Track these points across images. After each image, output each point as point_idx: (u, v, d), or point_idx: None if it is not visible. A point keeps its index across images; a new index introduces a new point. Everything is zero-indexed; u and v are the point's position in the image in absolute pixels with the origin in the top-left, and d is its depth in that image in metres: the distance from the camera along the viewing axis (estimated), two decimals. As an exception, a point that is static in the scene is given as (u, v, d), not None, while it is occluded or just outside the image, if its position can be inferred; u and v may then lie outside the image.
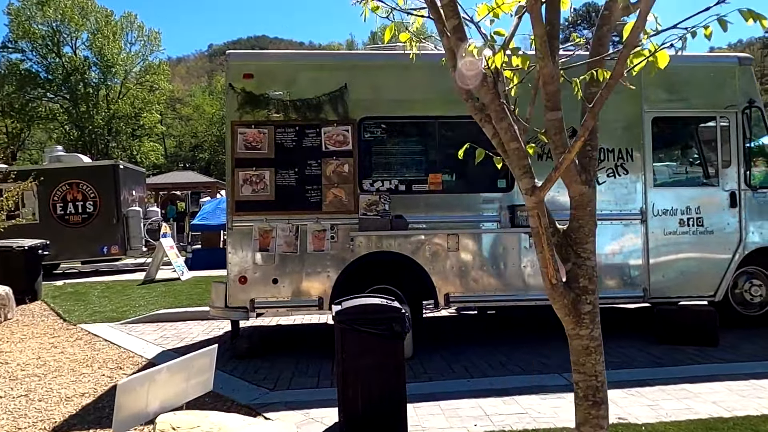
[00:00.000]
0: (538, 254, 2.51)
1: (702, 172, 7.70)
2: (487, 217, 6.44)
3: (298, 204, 6.26)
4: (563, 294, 2.52)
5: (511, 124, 2.47)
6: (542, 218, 2.45)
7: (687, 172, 7.31)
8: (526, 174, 2.46)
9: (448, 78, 6.38)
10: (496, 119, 2.47)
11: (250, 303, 6.23)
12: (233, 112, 6.25)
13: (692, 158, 7.67)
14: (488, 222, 6.44)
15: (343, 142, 6.31)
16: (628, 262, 6.59)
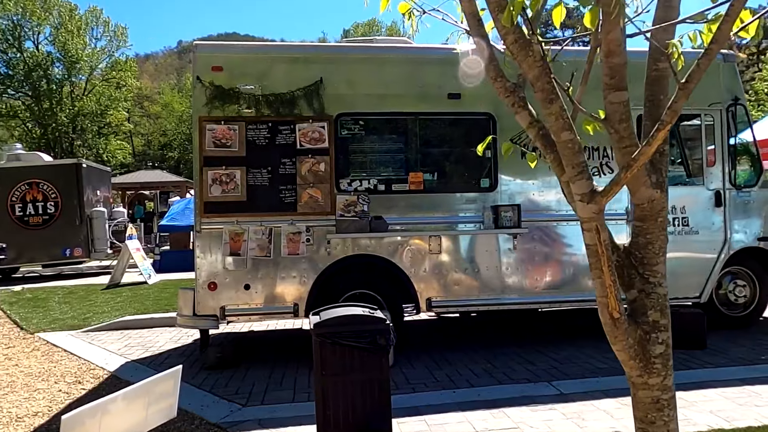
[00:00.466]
0: (595, 279, 2.05)
1: (686, 171, 7.60)
2: (469, 218, 6.18)
3: (271, 205, 5.90)
4: (628, 332, 2.03)
5: (563, 108, 2.00)
6: (602, 233, 1.99)
7: (671, 171, 7.18)
8: (581, 174, 1.97)
9: (429, 73, 6.14)
10: (544, 101, 1.99)
11: (221, 310, 5.85)
12: (201, 107, 5.86)
13: (677, 157, 7.55)
14: (471, 223, 6.18)
15: (318, 140, 5.97)
16: (614, 264, 6.40)
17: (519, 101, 2.11)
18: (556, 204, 6.33)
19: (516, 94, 2.13)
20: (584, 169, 1.96)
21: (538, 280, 6.24)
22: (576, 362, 5.65)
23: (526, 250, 6.23)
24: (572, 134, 1.97)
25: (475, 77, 5.56)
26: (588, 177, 1.98)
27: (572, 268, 6.31)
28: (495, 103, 6.24)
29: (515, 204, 6.15)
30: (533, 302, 6.26)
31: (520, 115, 2.13)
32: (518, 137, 6.30)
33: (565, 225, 6.33)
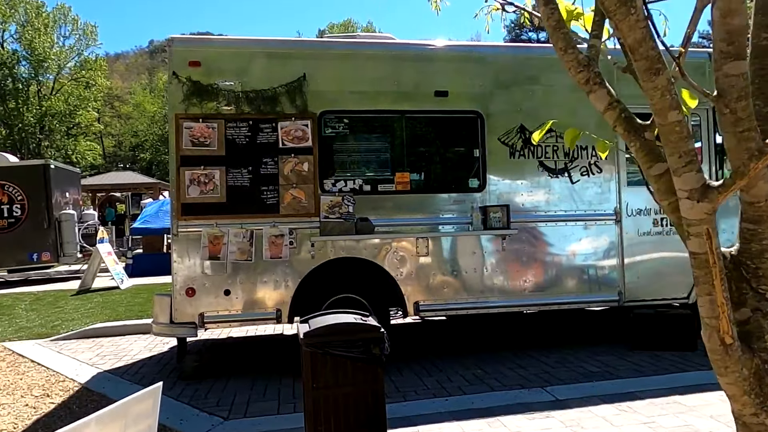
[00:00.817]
0: (702, 295, 1.69)
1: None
2: (457, 219, 6.01)
3: (252, 206, 5.65)
4: (742, 361, 1.65)
5: (671, 82, 1.64)
6: (714, 239, 1.66)
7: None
8: (690, 165, 1.62)
9: (416, 69, 5.96)
10: (648, 71, 1.59)
11: (199, 317, 5.57)
12: (178, 104, 5.58)
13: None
14: (459, 224, 6.01)
15: (301, 138, 5.74)
16: (604, 265, 6.31)
17: (594, 77, 1.80)
18: (545, 204, 6.20)
19: (590, 69, 1.82)
20: (694, 159, 1.61)
21: (530, 282, 6.10)
22: (568, 366, 5.52)
23: (516, 252, 6.09)
24: (680, 114, 1.63)
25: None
26: (698, 169, 1.63)
27: (562, 270, 6.19)
28: (483, 101, 6.10)
29: (504, 204, 6.01)
30: (525, 305, 6.12)
31: (597, 94, 1.81)
32: (506, 136, 6.18)
33: (554, 226, 6.20)
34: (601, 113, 1.87)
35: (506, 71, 6.18)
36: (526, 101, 6.21)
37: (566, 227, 6.23)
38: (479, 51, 6.27)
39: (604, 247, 6.30)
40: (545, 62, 6.31)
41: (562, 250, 6.21)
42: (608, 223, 6.33)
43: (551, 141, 6.24)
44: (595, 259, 6.28)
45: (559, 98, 6.27)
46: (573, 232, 6.23)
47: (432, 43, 6.16)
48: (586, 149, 6.32)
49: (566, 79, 6.32)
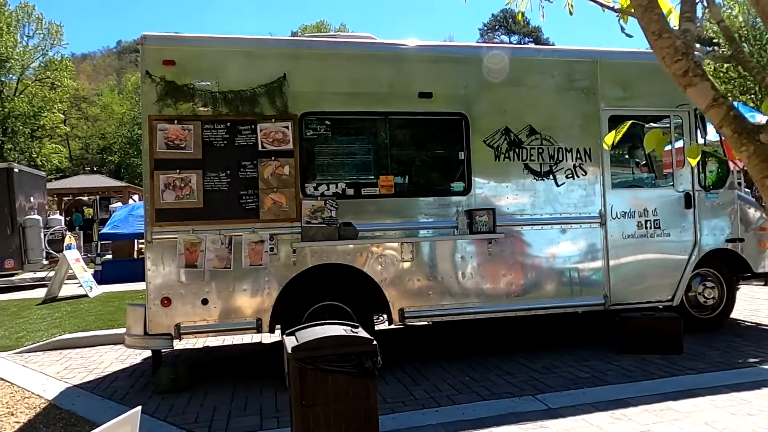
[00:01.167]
0: None
1: (657, 172, 7.58)
2: (443, 223, 5.87)
3: (231, 212, 5.42)
4: None
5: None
6: None
7: (643, 172, 7.13)
8: None
9: (399, 70, 5.81)
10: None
11: (176, 328, 5.32)
12: (151, 105, 5.32)
13: (650, 158, 7.51)
14: (445, 228, 5.87)
15: (282, 141, 5.53)
16: (589, 268, 6.25)
17: (695, 68, 1.55)
18: (530, 207, 6.11)
19: (689, 58, 1.58)
20: None
21: (516, 286, 6.00)
22: (557, 372, 5.43)
23: (502, 256, 5.98)
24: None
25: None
26: None
27: (549, 274, 6.11)
28: (468, 102, 5.99)
29: (490, 208, 5.90)
30: (512, 309, 6.01)
31: (698, 88, 1.56)
32: (491, 138, 6.07)
33: (539, 229, 6.12)
34: (703, 111, 1.65)
35: (490, 72, 6.07)
36: (511, 103, 6.11)
37: (552, 230, 6.15)
38: (463, 52, 6.15)
39: (590, 251, 6.25)
40: (529, 63, 6.23)
41: (548, 253, 6.12)
42: (593, 226, 6.28)
43: (536, 143, 6.16)
44: (580, 262, 6.22)
45: (544, 100, 6.21)
46: (559, 235, 6.16)
47: (416, 44, 6.02)
48: (570, 151, 6.26)
49: (550, 80, 6.30)
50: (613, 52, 6.56)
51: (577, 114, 6.28)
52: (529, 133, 6.14)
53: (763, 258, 6.96)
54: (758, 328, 6.98)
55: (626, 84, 6.43)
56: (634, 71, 6.47)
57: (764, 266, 6.97)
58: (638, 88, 6.48)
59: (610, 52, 6.54)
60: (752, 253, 6.87)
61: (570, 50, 6.40)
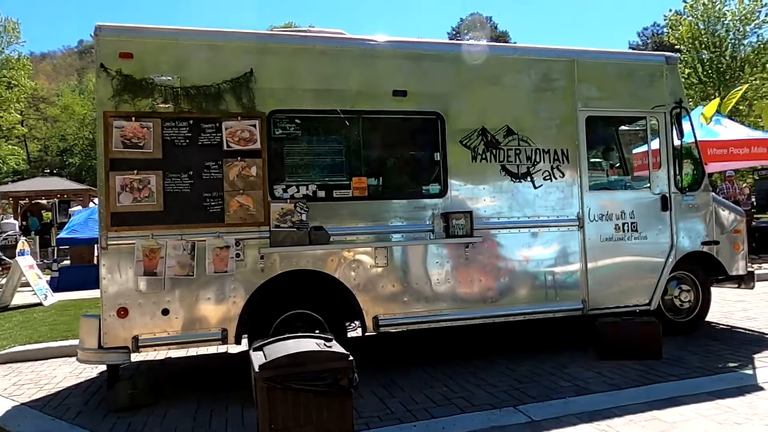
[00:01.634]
0: None
1: (626, 174, 7.51)
2: (419, 226, 5.64)
3: (193, 215, 5.08)
4: None
5: None
6: None
7: (619, 174, 7.03)
8: None
9: (373, 67, 5.57)
10: None
11: (133, 341, 4.96)
12: (106, 101, 4.95)
13: (624, 160, 7.43)
14: (420, 232, 5.64)
15: (249, 140, 5.23)
16: (567, 273, 6.10)
17: None
18: (508, 210, 5.94)
19: None
20: None
21: (494, 291, 5.81)
22: (537, 380, 5.24)
23: (480, 260, 5.79)
24: None
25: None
26: None
27: (527, 279, 5.94)
28: (443, 101, 5.78)
29: (467, 210, 5.69)
30: (490, 315, 5.81)
31: None
32: (467, 139, 5.88)
33: (517, 232, 5.94)
34: None
35: (467, 71, 5.88)
36: (488, 102, 5.93)
37: (530, 234, 5.98)
38: (439, 49, 5.94)
39: (568, 254, 6.10)
40: (506, 62, 6.06)
41: (527, 258, 5.95)
42: (571, 229, 6.13)
43: (513, 144, 5.99)
44: (559, 266, 6.06)
45: (520, 99, 6.05)
46: (537, 239, 5.99)
47: (391, 40, 5.78)
48: (548, 152, 6.10)
49: (527, 79, 6.13)
50: (590, 52, 6.45)
51: (554, 114, 6.14)
52: (506, 134, 5.96)
53: (737, 260, 6.93)
54: (732, 330, 6.95)
55: (603, 84, 6.32)
56: (610, 71, 6.37)
57: (737, 269, 6.94)
58: (615, 89, 6.38)
59: (587, 52, 6.42)
60: (726, 256, 6.84)
61: (547, 49, 6.26)
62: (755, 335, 6.62)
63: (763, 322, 7.29)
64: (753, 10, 29.20)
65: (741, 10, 29.32)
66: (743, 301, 8.72)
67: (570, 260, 6.10)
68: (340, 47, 5.59)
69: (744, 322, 7.30)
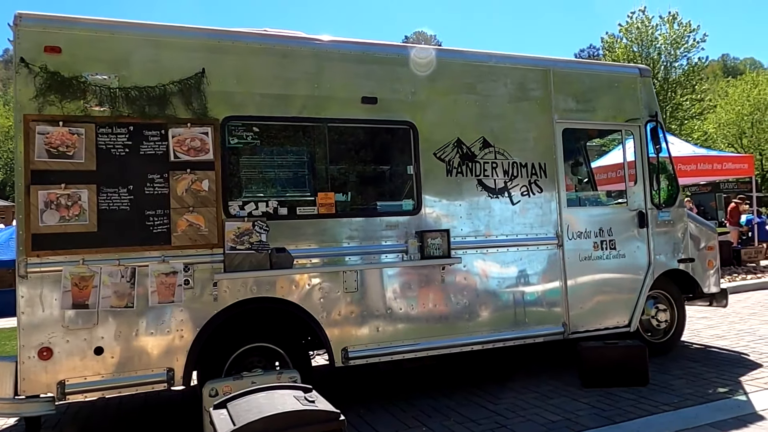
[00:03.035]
0: None
1: (594, 190, 7.28)
2: (391, 246, 5.11)
3: (134, 236, 4.36)
4: None
5: None
6: None
7: (597, 189, 6.76)
8: None
9: (341, 71, 5.01)
10: None
11: (59, 387, 4.16)
12: (27, 102, 4.19)
13: (590, 175, 7.18)
14: (393, 253, 5.11)
15: (200, 150, 4.57)
16: (547, 294, 5.71)
17: None
18: (485, 228, 5.50)
19: None
20: None
21: (472, 317, 5.34)
22: (522, 414, 4.77)
23: (456, 283, 5.31)
24: None
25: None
26: None
27: (507, 302, 5.51)
28: (416, 110, 5.31)
29: (444, 229, 5.21)
30: (468, 343, 5.32)
31: None
32: (442, 151, 5.42)
33: (495, 252, 5.51)
34: None
35: (440, 78, 5.44)
36: (463, 112, 5.51)
37: (508, 253, 5.56)
38: (410, 53, 5.47)
39: (548, 275, 5.72)
40: (481, 69, 5.66)
41: (506, 279, 5.53)
42: (550, 248, 5.76)
43: (490, 157, 5.58)
44: (539, 288, 5.67)
45: (496, 109, 5.67)
46: (516, 258, 5.58)
47: (359, 42, 5.28)
48: (525, 166, 5.73)
49: (503, 89, 5.69)
50: (566, 62, 6.18)
51: (531, 126, 5.78)
52: (482, 146, 5.55)
53: (709, 278, 6.77)
54: (707, 350, 6.76)
55: (579, 96, 6.03)
56: (586, 82, 6.10)
57: (709, 286, 6.78)
58: (591, 101, 6.11)
59: (562, 61, 6.14)
60: (700, 273, 6.66)
61: (522, 57, 5.91)
62: (733, 355, 6.43)
63: (732, 340, 7.15)
64: (682, 34, 30.68)
65: (672, 35, 30.75)
66: (706, 317, 8.64)
67: (550, 281, 5.72)
68: (305, 48, 5.02)
69: (715, 341, 7.14)
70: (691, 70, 30.98)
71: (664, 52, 31.36)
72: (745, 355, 6.35)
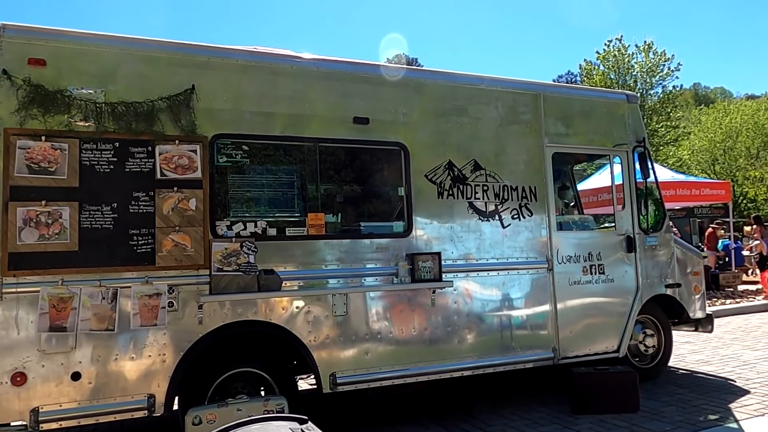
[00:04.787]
0: None
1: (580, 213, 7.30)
2: (381, 269, 5.02)
3: (116, 256, 4.20)
4: None
5: None
6: None
7: (585, 213, 6.77)
8: None
9: (332, 90, 4.95)
10: None
11: (32, 414, 3.95)
12: (8, 115, 4.04)
13: (577, 199, 7.20)
14: (383, 275, 5.02)
15: (188, 168, 4.44)
16: (537, 319, 5.65)
17: None
18: (476, 251, 5.44)
19: None
20: None
21: (462, 342, 5.25)
22: (514, 443, 4.67)
23: (446, 307, 5.22)
24: None
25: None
26: None
27: (497, 327, 5.43)
28: (408, 131, 5.27)
29: (435, 252, 5.14)
30: (458, 369, 5.22)
31: None
32: (433, 173, 5.37)
33: (485, 276, 5.45)
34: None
35: (432, 99, 5.42)
36: (454, 134, 5.48)
37: (499, 277, 5.51)
38: (403, 74, 5.44)
39: (538, 299, 5.67)
40: (472, 92, 5.66)
41: (496, 303, 5.46)
42: (540, 272, 5.72)
43: (481, 180, 5.54)
44: (529, 312, 5.61)
45: (487, 132, 5.65)
46: (506, 282, 5.52)
47: (352, 61, 5.24)
48: (516, 189, 5.70)
49: (494, 112, 5.69)
50: (556, 86, 6.22)
51: (522, 149, 5.78)
52: (473, 169, 5.52)
53: (695, 303, 6.79)
54: (694, 376, 6.75)
55: (569, 120, 6.06)
56: (575, 107, 6.13)
57: (695, 312, 6.80)
58: (580, 126, 6.14)
59: (552, 86, 6.19)
60: (686, 299, 6.68)
61: (513, 81, 5.93)
62: (719, 380, 6.43)
63: (717, 365, 7.16)
64: (658, 63, 31.49)
65: (647, 63, 31.55)
66: (689, 342, 8.66)
67: (540, 306, 5.67)
68: (297, 67, 4.96)
69: (701, 366, 7.14)
70: (665, 97, 31.74)
71: (640, 80, 32.10)
72: (731, 381, 6.35)
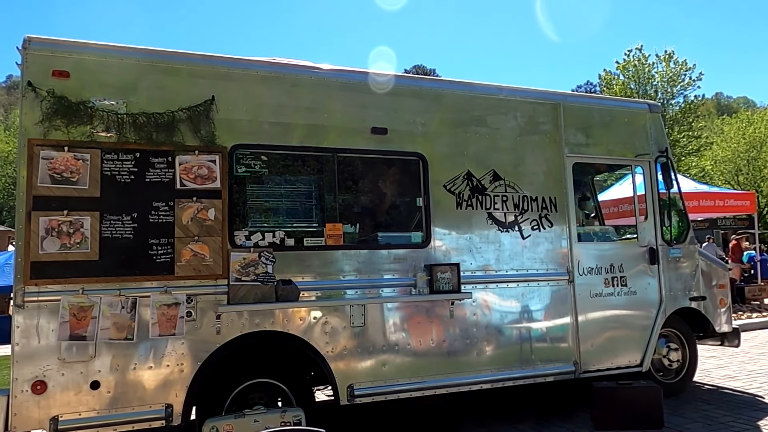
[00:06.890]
0: None
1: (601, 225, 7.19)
2: (399, 280, 4.98)
3: (136, 266, 4.23)
4: None
5: None
6: None
7: (607, 224, 6.66)
8: None
9: (350, 101, 4.96)
10: None
11: (52, 423, 3.97)
12: (32, 126, 4.11)
13: (598, 210, 7.09)
14: (401, 286, 4.98)
15: (207, 178, 4.47)
16: (558, 332, 5.56)
17: None
18: (495, 263, 5.38)
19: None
20: None
21: (482, 354, 5.18)
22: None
23: (465, 319, 5.16)
24: None
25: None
26: None
27: (517, 340, 5.35)
28: (426, 142, 5.24)
29: (454, 263, 5.09)
30: (478, 381, 5.15)
31: None
32: (452, 183, 5.34)
33: (505, 287, 5.38)
34: None
35: (451, 110, 5.40)
36: (473, 144, 5.44)
37: (518, 289, 5.43)
38: (421, 85, 5.43)
39: (559, 312, 5.57)
40: (491, 102, 5.62)
41: (516, 315, 5.38)
42: (561, 284, 5.63)
43: (500, 190, 5.49)
44: (550, 325, 5.52)
45: (506, 142, 5.61)
46: (526, 294, 5.44)
47: (370, 72, 5.24)
48: (535, 200, 5.64)
49: (513, 122, 5.63)
50: (576, 96, 6.15)
51: (541, 160, 5.72)
52: (492, 179, 5.47)
53: (721, 316, 6.63)
54: (720, 391, 6.57)
55: (589, 130, 5.99)
56: (595, 117, 6.06)
57: (721, 325, 6.63)
58: (600, 135, 6.06)
59: (572, 95, 6.13)
60: (712, 312, 6.52)
61: (532, 91, 5.89)
62: (746, 397, 6.25)
63: (744, 381, 6.96)
64: (679, 72, 31.12)
65: (668, 73, 31.19)
66: (714, 356, 8.45)
67: (560, 318, 5.57)
68: (315, 78, 4.98)
69: (727, 382, 6.95)
70: (687, 107, 31.30)
71: (661, 90, 31.72)
72: (760, 398, 6.17)
